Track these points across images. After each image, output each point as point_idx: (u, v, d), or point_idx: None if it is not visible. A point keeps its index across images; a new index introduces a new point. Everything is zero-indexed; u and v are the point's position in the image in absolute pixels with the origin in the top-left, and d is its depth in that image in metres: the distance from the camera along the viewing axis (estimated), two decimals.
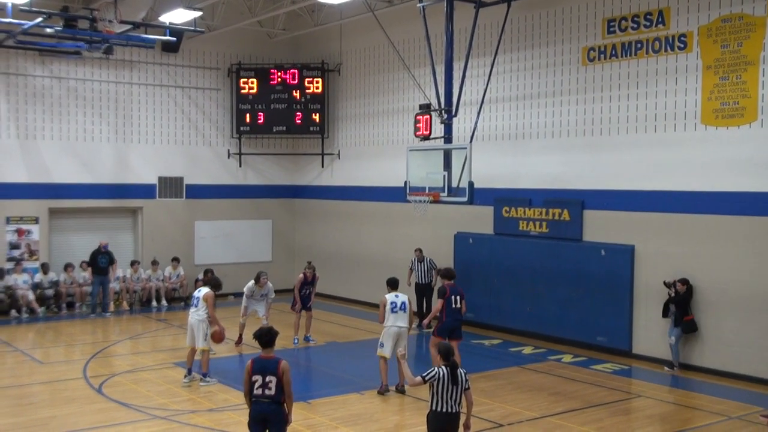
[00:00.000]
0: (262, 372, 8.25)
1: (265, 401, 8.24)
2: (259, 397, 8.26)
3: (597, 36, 15.91)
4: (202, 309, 13.24)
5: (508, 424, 11.24)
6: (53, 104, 20.73)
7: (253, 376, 8.27)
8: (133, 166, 21.87)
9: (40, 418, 11.42)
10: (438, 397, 8.17)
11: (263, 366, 8.29)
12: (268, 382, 8.20)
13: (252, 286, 16.01)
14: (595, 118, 16.00)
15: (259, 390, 8.24)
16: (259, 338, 8.46)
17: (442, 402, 8.16)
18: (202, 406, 12.01)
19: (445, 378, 8.17)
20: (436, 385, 8.17)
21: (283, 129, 23.00)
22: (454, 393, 8.18)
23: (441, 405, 8.17)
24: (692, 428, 11.03)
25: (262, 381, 8.23)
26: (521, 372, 14.50)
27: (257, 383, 8.24)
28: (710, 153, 14.11)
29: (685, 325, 14.19)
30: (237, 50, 23.19)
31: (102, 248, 20.01)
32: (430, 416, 8.28)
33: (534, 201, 17.15)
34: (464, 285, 18.31)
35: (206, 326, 13.25)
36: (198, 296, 13.35)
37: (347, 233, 22.41)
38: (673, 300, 14.27)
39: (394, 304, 12.57)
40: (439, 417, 8.19)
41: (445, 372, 8.20)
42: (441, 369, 8.23)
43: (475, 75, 17.69)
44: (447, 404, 8.16)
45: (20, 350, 16.04)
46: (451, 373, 8.22)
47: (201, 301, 13.25)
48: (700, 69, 14.24)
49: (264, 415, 8.27)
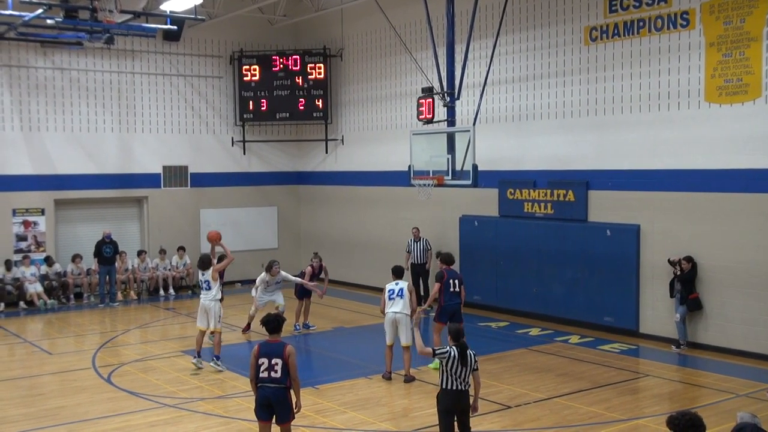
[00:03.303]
0: (269, 355, 8.34)
1: (271, 386, 8.32)
2: (265, 380, 8.35)
3: (599, 15, 15.81)
4: (215, 288, 13.40)
5: (516, 406, 11.27)
6: (56, 95, 20.74)
7: (260, 359, 8.36)
8: (138, 156, 21.89)
9: (50, 409, 11.50)
10: (447, 375, 8.38)
11: (270, 349, 8.39)
12: (274, 365, 8.29)
13: (264, 276, 15.90)
14: (598, 97, 15.93)
15: (265, 373, 8.33)
16: (267, 324, 8.58)
17: (452, 380, 8.37)
18: (211, 394, 12.08)
19: (455, 358, 8.36)
20: (446, 363, 8.37)
21: (287, 115, 22.96)
22: (462, 373, 8.38)
23: (450, 383, 8.38)
24: (699, 406, 11.03)
25: (268, 364, 8.31)
26: (528, 353, 14.52)
27: (263, 366, 8.33)
28: (714, 130, 14.05)
29: (691, 303, 14.20)
30: (238, 37, 23.14)
31: (105, 238, 20.06)
32: (440, 394, 8.49)
33: (538, 182, 17.12)
34: (470, 268, 18.44)
35: (219, 308, 13.45)
36: (207, 279, 13.43)
37: (352, 218, 22.42)
38: (679, 278, 14.26)
39: (391, 291, 12.68)
40: (448, 394, 8.40)
41: (455, 352, 8.39)
42: (452, 349, 8.42)
43: (478, 57, 17.63)
44: (456, 382, 8.36)
45: (29, 341, 16.13)
46: (460, 353, 8.41)
47: (211, 281, 13.37)
48: (703, 46, 14.15)
49: (269, 399, 8.35)
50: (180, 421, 10.82)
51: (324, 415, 10.87)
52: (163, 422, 10.77)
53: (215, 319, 13.38)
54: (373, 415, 10.98)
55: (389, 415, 11.04)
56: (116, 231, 21.73)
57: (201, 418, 10.90)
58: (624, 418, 10.71)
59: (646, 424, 10.45)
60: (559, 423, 10.55)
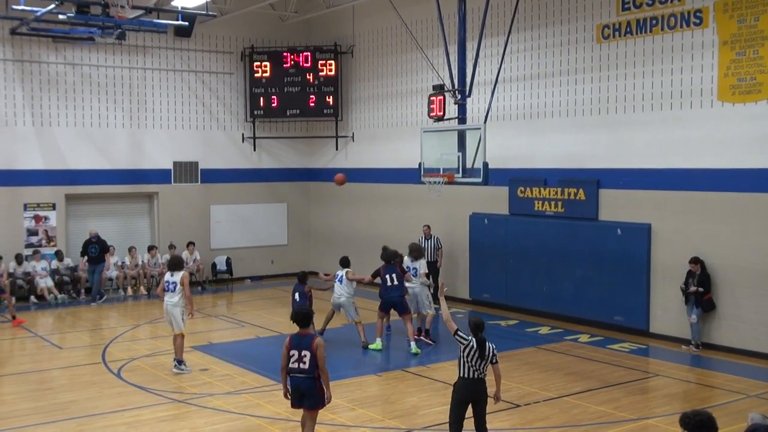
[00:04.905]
0: (299, 347, 8.76)
1: (300, 376, 8.76)
2: (295, 371, 8.78)
3: (611, 13, 15.74)
4: (179, 293, 12.91)
5: (525, 405, 11.25)
6: (67, 91, 20.79)
7: (291, 351, 8.78)
8: (148, 152, 21.93)
9: (60, 403, 11.54)
10: (465, 363, 8.55)
11: (300, 341, 8.81)
12: (303, 357, 8.72)
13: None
14: (610, 96, 15.86)
15: (295, 364, 8.76)
16: (296, 316, 9.03)
17: (469, 369, 8.53)
18: (220, 390, 12.09)
19: (474, 349, 8.50)
20: (465, 352, 8.52)
21: (297, 112, 22.97)
22: (479, 364, 8.52)
23: (468, 371, 8.54)
24: (710, 406, 10.96)
25: (297, 356, 8.75)
26: (538, 352, 14.49)
27: (293, 357, 8.76)
28: (727, 129, 13.96)
29: (706, 304, 14.09)
30: (250, 34, 23.14)
31: (92, 238, 19.97)
32: (458, 382, 8.64)
33: (549, 181, 17.06)
34: (480, 265, 18.47)
35: (182, 311, 13.00)
36: (174, 280, 12.94)
37: (362, 215, 22.41)
38: (697, 283, 14.02)
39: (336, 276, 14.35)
40: (466, 382, 8.57)
41: (475, 343, 8.53)
42: (473, 340, 8.56)
43: (489, 54, 17.57)
44: (473, 371, 8.52)
45: (39, 336, 16.19)
46: (479, 345, 8.53)
47: (178, 285, 12.90)
48: (716, 45, 14.07)
49: (300, 389, 8.80)
50: (189, 416, 10.85)
51: (333, 411, 10.86)
52: (172, 417, 10.80)
53: (178, 322, 13.01)
54: (381, 413, 10.98)
55: (398, 413, 11.02)
56: (126, 226, 21.88)
57: (210, 414, 10.91)
58: (633, 418, 10.67)
59: (655, 424, 10.41)
60: (568, 422, 10.52)
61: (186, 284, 12.92)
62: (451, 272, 19.38)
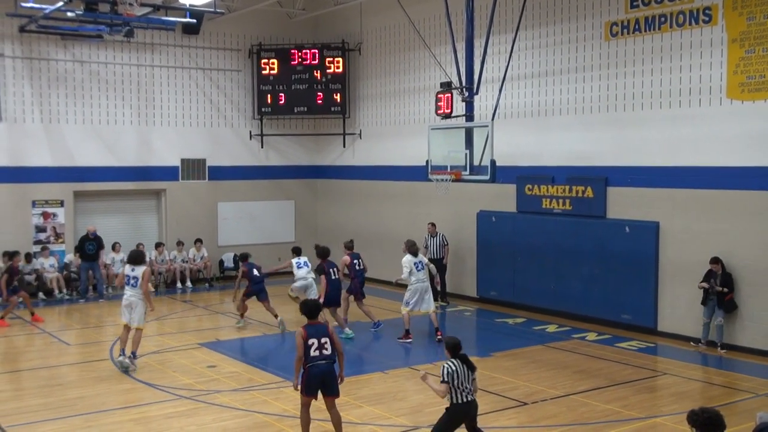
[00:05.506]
0: (317, 335, 9.00)
1: (323, 362, 8.98)
2: (317, 358, 8.96)
3: (620, 10, 15.69)
4: (140, 288, 12.93)
5: (532, 403, 11.23)
6: (76, 88, 20.85)
7: (309, 340, 8.95)
8: (156, 149, 21.98)
9: (68, 399, 11.58)
10: (455, 390, 8.32)
11: (316, 330, 9.08)
12: (324, 343, 8.98)
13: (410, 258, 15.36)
14: (618, 93, 15.82)
15: (317, 352, 8.95)
16: (309, 308, 9.34)
17: (460, 394, 8.34)
18: (227, 386, 12.11)
19: (460, 369, 8.33)
20: (456, 380, 8.31)
21: (305, 109, 22.99)
22: (466, 384, 8.34)
23: (460, 397, 8.35)
24: (719, 405, 10.93)
25: (318, 343, 8.95)
26: (545, 350, 14.47)
27: (314, 346, 8.94)
28: (736, 127, 13.90)
29: (728, 304, 13.88)
30: (257, 31, 23.16)
31: (90, 234, 19.91)
32: (452, 409, 8.43)
33: (557, 178, 17.03)
34: (487, 263, 18.44)
35: (143, 306, 13.02)
36: (136, 275, 12.95)
37: (369, 213, 22.41)
38: (721, 284, 13.78)
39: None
40: (460, 408, 8.37)
41: (457, 364, 8.35)
42: (451, 363, 8.36)
43: (497, 52, 17.53)
44: (464, 394, 8.35)
45: (48, 332, 16.24)
46: (463, 362, 8.40)
47: (140, 279, 12.93)
48: (725, 42, 14.01)
49: (323, 375, 9.00)
50: (196, 413, 10.86)
51: (340, 409, 10.81)
52: (179, 414, 10.82)
53: (140, 317, 13.03)
54: (389, 410, 10.98)
55: (405, 410, 11.02)
56: (134, 223, 21.94)
57: (217, 411, 10.93)
58: (641, 416, 10.65)
59: (663, 422, 10.38)
60: (575, 420, 10.50)
61: (146, 279, 13.03)
62: (459, 269, 19.37)
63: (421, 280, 15.09)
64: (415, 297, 15.04)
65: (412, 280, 15.08)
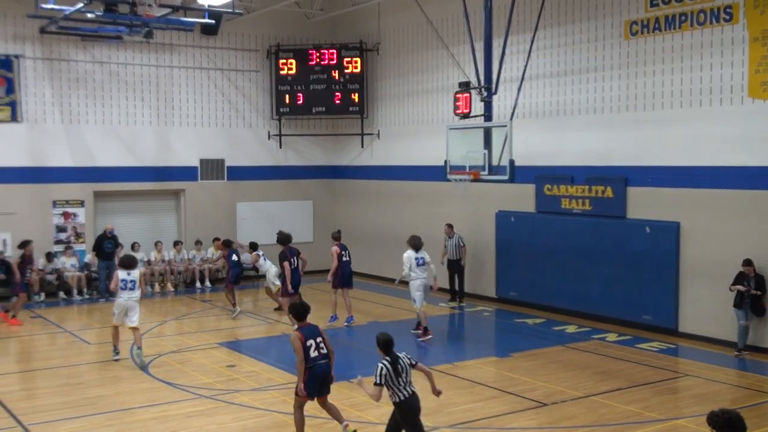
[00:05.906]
0: (312, 336, 9.18)
1: (323, 362, 9.17)
2: (317, 358, 9.13)
3: (639, 9, 15.59)
4: (138, 290, 13.51)
5: (552, 404, 11.18)
6: (96, 89, 20.98)
7: (307, 342, 9.09)
8: (175, 149, 22.08)
9: (89, 398, 11.65)
10: (392, 389, 8.25)
11: (310, 331, 9.25)
12: (320, 343, 9.19)
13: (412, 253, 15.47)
14: (638, 93, 15.72)
15: (315, 352, 9.12)
16: (298, 311, 9.42)
17: (396, 391, 8.24)
18: (246, 386, 12.14)
19: (390, 371, 8.23)
20: (390, 379, 8.22)
21: (323, 109, 23.01)
22: (401, 381, 8.24)
23: (396, 395, 8.26)
24: (740, 407, 10.83)
25: (315, 344, 9.14)
26: (565, 351, 14.40)
27: (312, 347, 9.11)
28: (757, 126, 13.77)
29: (760, 308, 13.63)
30: (275, 32, 23.21)
31: (108, 233, 20.03)
32: (395, 409, 8.36)
33: (576, 178, 16.94)
34: (506, 263, 18.39)
35: (139, 306, 13.69)
36: (133, 278, 13.38)
37: (388, 213, 22.40)
38: (756, 286, 13.49)
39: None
40: (401, 406, 8.27)
41: (387, 366, 8.25)
42: (382, 363, 8.27)
43: (515, 51, 17.47)
44: (401, 392, 8.24)
45: (69, 331, 16.36)
46: (392, 365, 8.25)
47: (137, 282, 13.45)
48: (746, 41, 13.87)
49: (324, 374, 9.20)
50: (216, 412, 10.90)
51: (359, 409, 10.87)
52: (199, 413, 10.86)
53: (137, 317, 13.51)
54: None
55: (424, 410, 10.84)
56: (153, 223, 22.05)
57: (237, 410, 10.96)
58: (662, 418, 10.57)
59: (685, 424, 10.30)
60: (595, 421, 10.44)
61: (143, 282, 14.06)
62: (478, 270, 19.32)
63: (421, 276, 15.20)
64: (420, 291, 15.15)
65: (413, 276, 15.17)
